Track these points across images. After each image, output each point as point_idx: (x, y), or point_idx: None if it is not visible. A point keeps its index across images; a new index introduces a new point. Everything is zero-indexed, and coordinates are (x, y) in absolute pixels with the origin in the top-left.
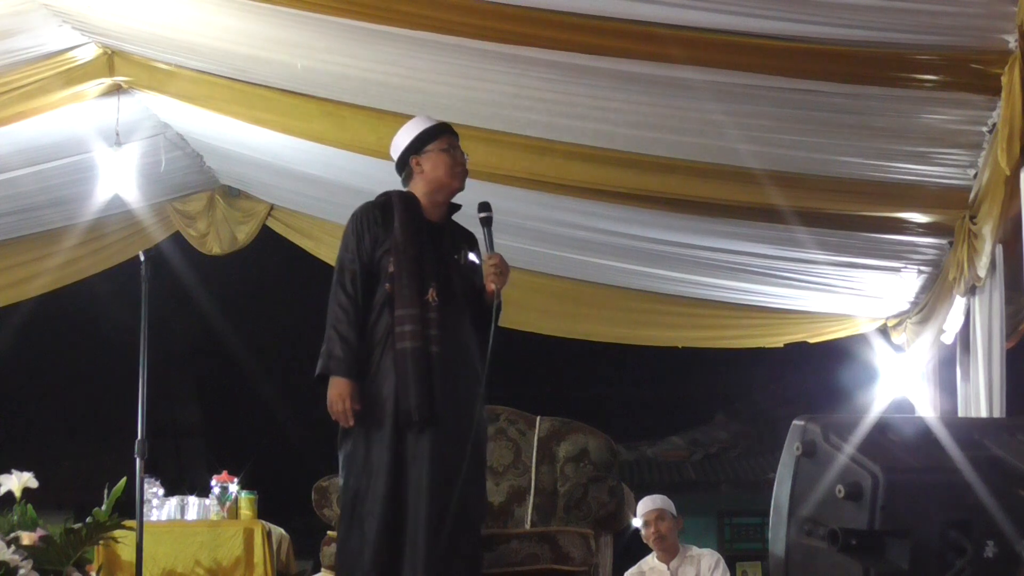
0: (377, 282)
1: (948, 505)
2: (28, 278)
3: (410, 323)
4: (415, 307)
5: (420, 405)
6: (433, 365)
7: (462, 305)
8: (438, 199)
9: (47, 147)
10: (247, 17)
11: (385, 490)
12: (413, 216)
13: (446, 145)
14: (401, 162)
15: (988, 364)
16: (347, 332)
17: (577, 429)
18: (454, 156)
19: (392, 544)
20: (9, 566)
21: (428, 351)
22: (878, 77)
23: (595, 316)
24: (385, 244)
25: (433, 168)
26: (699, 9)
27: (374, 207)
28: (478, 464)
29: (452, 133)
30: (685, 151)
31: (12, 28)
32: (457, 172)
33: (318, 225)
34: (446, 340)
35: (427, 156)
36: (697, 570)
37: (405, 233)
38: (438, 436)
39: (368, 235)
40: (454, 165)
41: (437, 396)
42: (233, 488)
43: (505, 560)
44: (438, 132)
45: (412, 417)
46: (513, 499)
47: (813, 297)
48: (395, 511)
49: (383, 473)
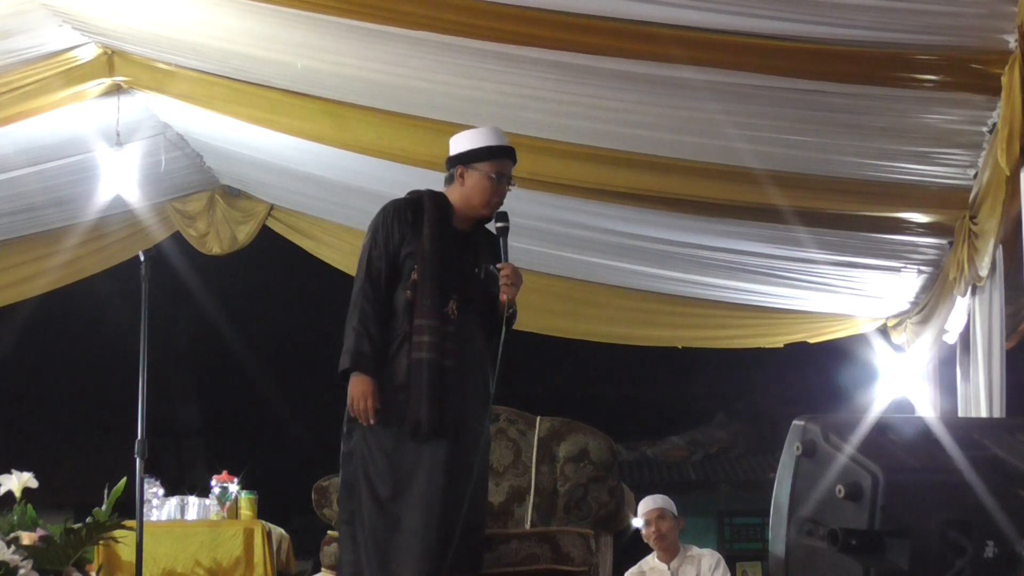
0: (399, 280)
1: (948, 505)
2: (29, 278)
3: (428, 334)
4: (435, 319)
5: (431, 418)
6: (446, 378)
7: (478, 316)
8: (467, 213)
9: (48, 147)
10: (247, 17)
11: (386, 494)
12: (443, 223)
13: (495, 173)
14: (450, 163)
15: (988, 364)
16: (374, 330)
17: (577, 429)
18: (497, 186)
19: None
20: (9, 566)
21: (443, 364)
22: (878, 77)
23: (595, 316)
24: (411, 246)
25: (472, 186)
26: (699, 9)
27: (406, 205)
28: (483, 474)
29: (510, 159)
30: (685, 151)
31: (12, 28)
32: (492, 202)
33: (318, 225)
34: (460, 353)
35: (473, 172)
36: (697, 570)
37: (433, 241)
38: (445, 447)
39: (397, 232)
40: (492, 195)
41: (448, 409)
42: (233, 488)
43: (505, 560)
44: (493, 155)
45: (421, 428)
46: (513, 499)
47: (813, 297)
48: (392, 515)
49: (386, 478)
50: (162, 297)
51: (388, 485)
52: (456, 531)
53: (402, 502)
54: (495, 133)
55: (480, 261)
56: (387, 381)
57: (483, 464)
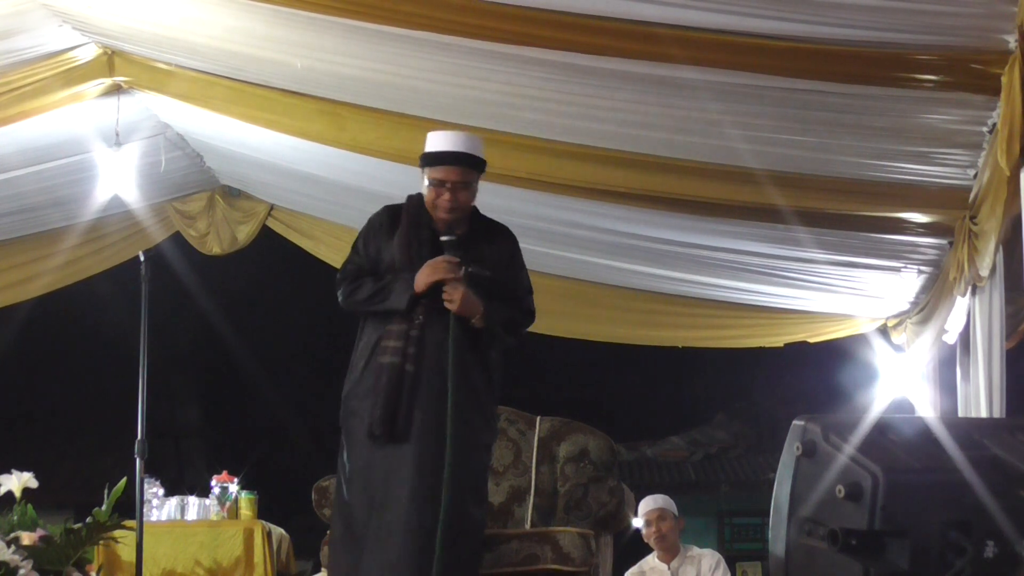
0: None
1: (948, 505)
2: (28, 278)
3: (394, 339)
4: (402, 324)
5: (382, 419)
6: (404, 383)
7: (456, 318)
8: (436, 216)
9: (47, 147)
10: (247, 17)
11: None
12: (416, 228)
13: (433, 179)
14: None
15: (988, 364)
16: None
17: (577, 429)
18: (438, 193)
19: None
20: (9, 566)
21: (403, 368)
22: (878, 77)
23: (595, 316)
24: (385, 254)
25: (425, 190)
26: (699, 9)
27: (384, 214)
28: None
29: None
30: (685, 151)
31: (12, 28)
32: (440, 207)
33: (318, 225)
34: (422, 358)
35: (424, 176)
36: (698, 570)
37: (402, 248)
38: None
39: (372, 244)
40: (436, 200)
41: (403, 413)
42: (233, 488)
43: (505, 560)
44: (429, 161)
45: (373, 430)
46: (513, 499)
47: (813, 297)
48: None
49: (357, 480)
50: (162, 297)
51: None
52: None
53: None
54: (441, 138)
55: (471, 262)
56: (355, 388)
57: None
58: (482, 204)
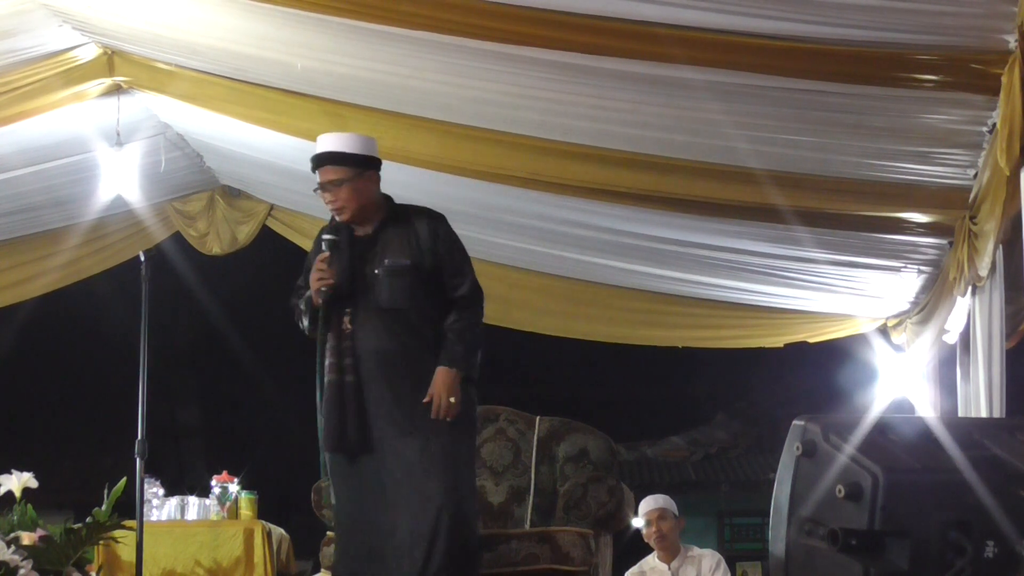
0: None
1: (948, 505)
2: (29, 278)
3: (330, 355)
4: (334, 338)
5: (330, 436)
6: (347, 396)
7: (387, 314)
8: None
9: (48, 147)
10: (247, 17)
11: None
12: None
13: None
14: None
15: (988, 364)
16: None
17: (577, 429)
18: (324, 198)
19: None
20: (9, 566)
21: (343, 381)
22: (878, 77)
23: (595, 316)
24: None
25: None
26: (699, 9)
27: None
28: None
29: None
30: (685, 151)
31: (12, 28)
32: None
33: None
34: (359, 367)
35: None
36: (698, 570)
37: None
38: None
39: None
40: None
41: (353, 426)
42: (233, 488)
43: (505, 560)
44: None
45: (327, 446)
46: (513, 499)
47: (813, 297)
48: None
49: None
50: (162, 297)
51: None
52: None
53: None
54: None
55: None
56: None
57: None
58: (483, 204)
